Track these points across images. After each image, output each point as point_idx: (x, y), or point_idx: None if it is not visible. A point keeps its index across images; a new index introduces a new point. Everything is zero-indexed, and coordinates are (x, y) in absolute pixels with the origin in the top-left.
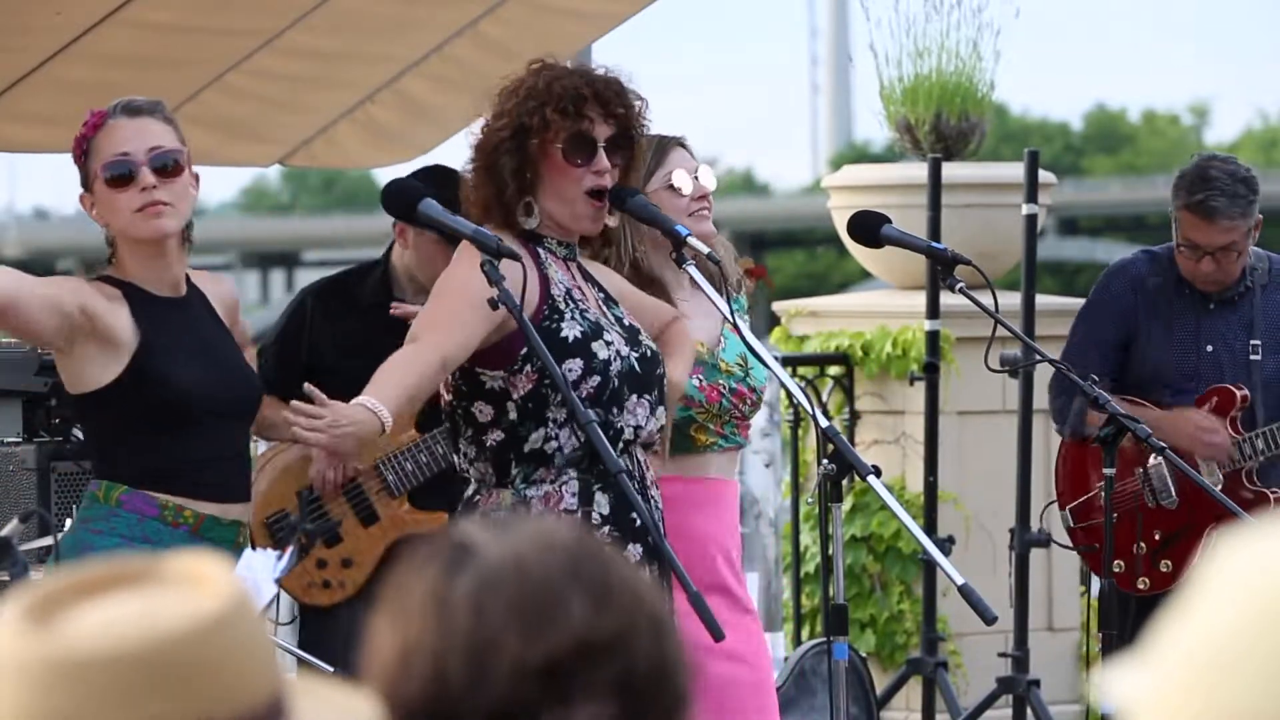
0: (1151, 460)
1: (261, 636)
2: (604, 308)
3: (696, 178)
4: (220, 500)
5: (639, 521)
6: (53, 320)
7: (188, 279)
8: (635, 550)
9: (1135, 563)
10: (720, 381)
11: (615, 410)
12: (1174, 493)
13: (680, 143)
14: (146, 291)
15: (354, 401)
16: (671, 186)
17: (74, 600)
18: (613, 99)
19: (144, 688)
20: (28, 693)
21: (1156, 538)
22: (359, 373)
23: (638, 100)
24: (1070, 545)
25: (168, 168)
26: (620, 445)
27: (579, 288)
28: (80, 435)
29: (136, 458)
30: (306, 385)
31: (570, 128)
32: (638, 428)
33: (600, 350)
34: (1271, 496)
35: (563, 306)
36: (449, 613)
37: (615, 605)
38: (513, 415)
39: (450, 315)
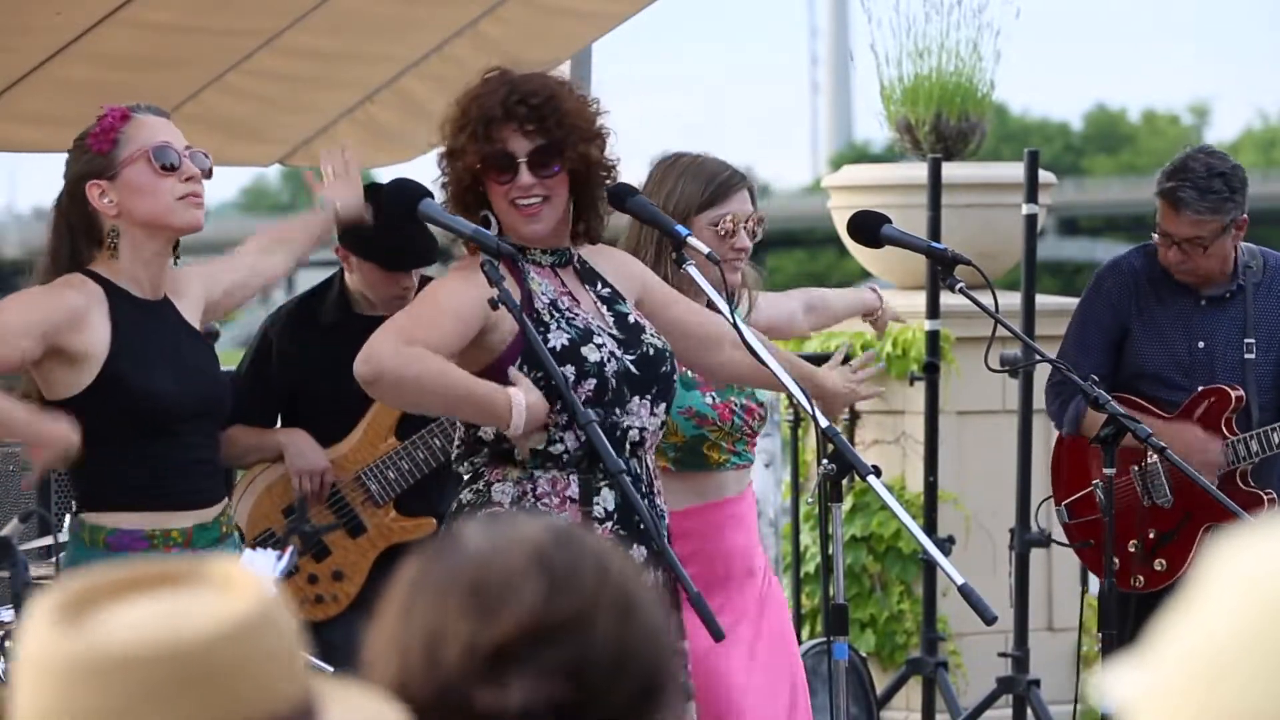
0: (1148, 458)
1: (290, 641)
2: (601, 308)
3: (743, 228)
4: (199, 506)
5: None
6: (15, 354)
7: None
8: (640, 552)
9: (1130, 561)
10: (732, 399)
11: (618, 411)
12: (1169, 491)
13: (748, 185)
14: (128, 293)
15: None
16: (716, 230)
17: (105, 600)
18: (527, 115)
19: (171, 688)
20: (56, 691)
21: (1151, 536)
22: (327, 392)
23: (578, 106)
24: (1067, 543)
25: (202, 167)
26: (627, 447)
27: (568, 293)
28: None
29: (114, 469)
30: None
31: (483, 150)
32: (642, 429)
33: (591, 354)
34: (1266, 498)
35: (547, 318)
36: (417, 603)
37: (574, 589)
38: None
39: (429, 318)
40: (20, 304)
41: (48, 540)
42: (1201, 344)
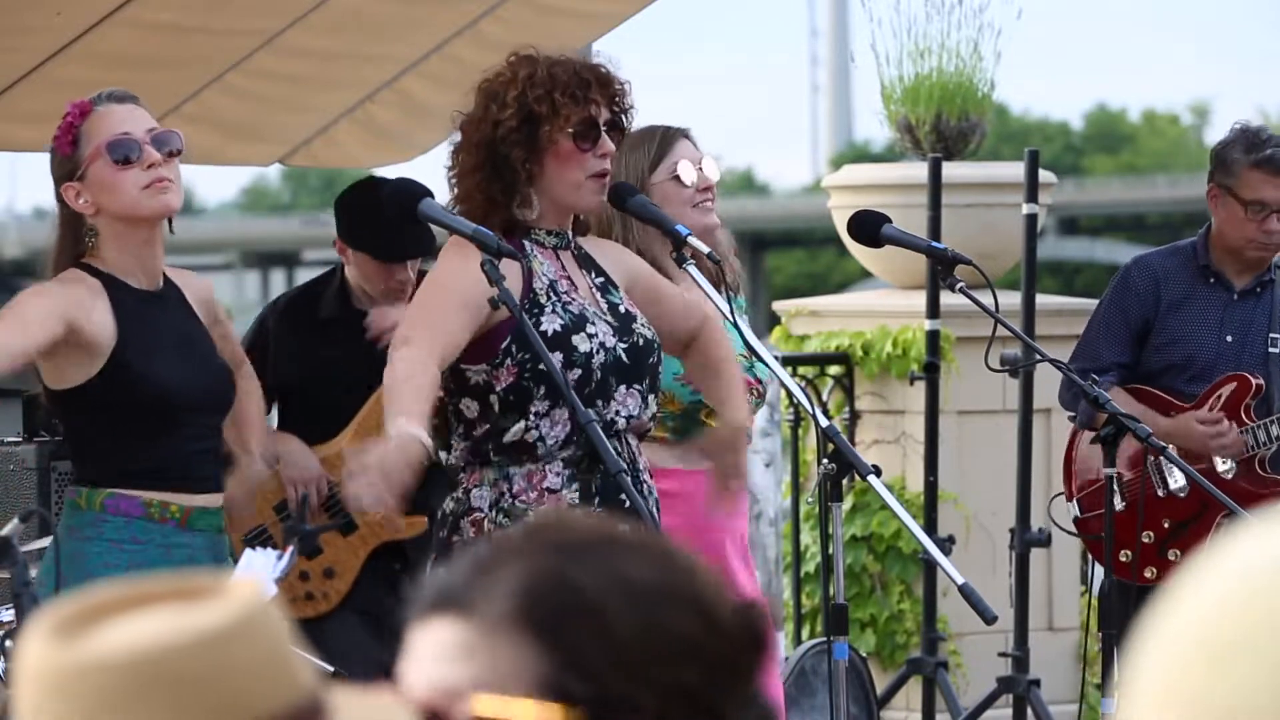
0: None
1: (279, 648)
2: (596, 295)
3: (701, 169)
4: (204, 492)
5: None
6: (46, 335)
7: (164, 274)
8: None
9: (1143, 553)
10: None
11: (601, 402)
12: (1184, 480)
13: (685, 134)
14: (126, 284)
15: (393, 431)
16: (676, 178)
17: (105, 616)
18: (611, 82)
19: (152, 693)
20: (41, 698)
21: (1165, 526)
22: (323, 387)
23: (624, 83)
24: (1076, 533)
25: (167, 149)
26: (612, 434)
27: (567, 277)
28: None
29: (117, 456)
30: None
31: (580, 113)
32: (630, 416)
33: (581, 343)
34: None
35: (544, 300)
36: (649, 589)
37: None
38: (496, 408)
39: (439, 316)
40: (36, 294)
41: (47, 540)
42: (1230, 338)
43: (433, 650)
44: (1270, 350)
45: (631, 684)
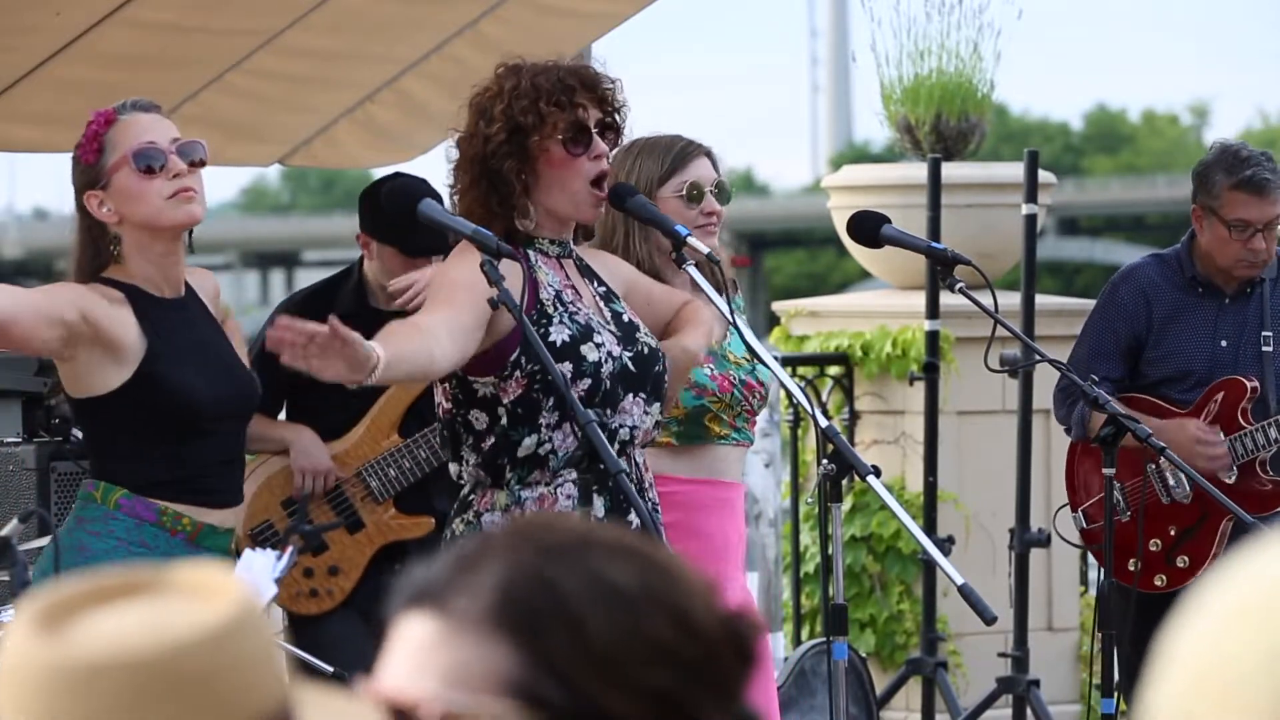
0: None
1: (269, 646)
2: (600, 304)
3: (713, 191)
4: (220, 506)
5: (636, 523)
6: (53, 332)
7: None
8: None
9: (1151, 560)
10: (730, 372)
11: (609, 411)
12: (1188, 487)
13: (706, 152)
14: (149, 294)
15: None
16: (682, 196)
17: (85, 608)
18: (598, 83)
19: (149, 696)
20: (34, 699)
21: (1172, 533)
22: (335, 385)
23: (613, 82)
24: (1083, 545)
25: (193, 159)
26: (617, 446)
27: (571, 287)
28: (79, 436)
29: (142, 464)
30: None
31: (567, 118)
32: (634, 428)
33: (590, 353)
34: None
35: (551, 310)
36: (626, 593)
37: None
38: (504, 420)
39: (446, 296)
40: (60, 286)
41: (47, 540)
42: (1224, 342)
43: (408, 646)
44: (1264, 349)
45: (604, 687)
